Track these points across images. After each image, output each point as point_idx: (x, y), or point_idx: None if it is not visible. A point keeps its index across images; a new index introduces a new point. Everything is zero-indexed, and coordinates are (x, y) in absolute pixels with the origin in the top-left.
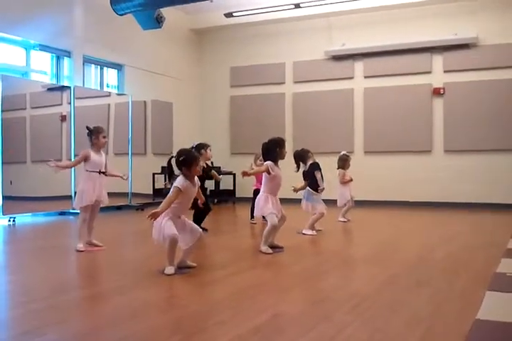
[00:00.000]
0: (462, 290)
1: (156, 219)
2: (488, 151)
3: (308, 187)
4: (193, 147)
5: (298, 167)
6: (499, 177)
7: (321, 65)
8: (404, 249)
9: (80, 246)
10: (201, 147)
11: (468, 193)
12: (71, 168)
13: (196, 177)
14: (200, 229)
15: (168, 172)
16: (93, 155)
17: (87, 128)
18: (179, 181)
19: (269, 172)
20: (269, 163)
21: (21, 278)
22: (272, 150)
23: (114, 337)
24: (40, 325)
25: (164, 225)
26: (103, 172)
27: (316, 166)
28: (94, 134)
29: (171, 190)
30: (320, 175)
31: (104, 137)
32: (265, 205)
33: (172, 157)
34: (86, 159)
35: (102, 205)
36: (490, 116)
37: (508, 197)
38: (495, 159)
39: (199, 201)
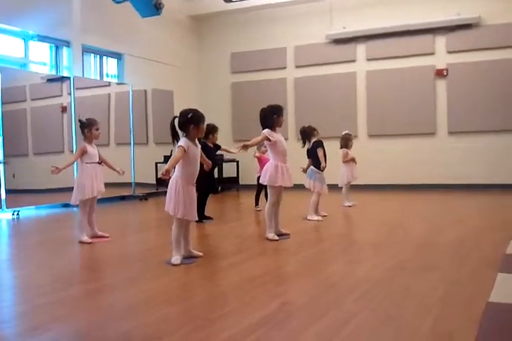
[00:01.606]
0: (472, 273)
1: (169, 175)
2: (492, 132)
3: (311, 166)
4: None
5: (304, 143)
6: (504, 157)
7: (323, 48)
8: (412, 232)
9: (85, 238)
10: (210, 130)
11: (474, 174)
12: (72, 164)
13: (197, 141)
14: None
15: (171, 133)
16: (89, 148)
17: (80, 121)
18: (182, 141)
19: (269, 140)
20: (266, 130)
21: (27, 272)
22: (269, 117)
23: (120, 330)
24: (47, 320)
25: (179, 200)
26: (100, 163)
27: (319, 144)
28: (88, 127)
29: (176, 150)
30: (322, 153)
31: (97, 129)
32: (275, 175)
33: (175, 117)
34: (83, 153)
35: (99, 197)
36: (494, 97)
37: None
38: (500, 139)
39: (205, 166)
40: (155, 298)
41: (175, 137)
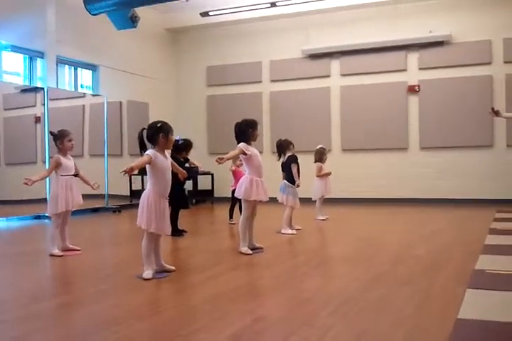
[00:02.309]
0: (443, 288)
1: (130, 173)
2: (463, 148)
3: (284, 180)
4: (177, 140)
5: (279, 156)
6: (475, 173)
7: (298, 63)
8: (384, 247)
9: (56, 251)
10: (188, 146)
11: (445, 189)
12: (46, 178)
13: (167, 153)
14: (170, 226)
15: (139, 145)
16: (63, 160)
17: (51, 133)
18: (149, 151)
19: (244, 153)
20: (241, 144)
21: None
22: (245, 131)
23: None
24: (14, 336)
25: (151, 214)
26: (75, 175)
27: (293, 159)
28: (60, 139)
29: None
30: (296, 170)
31: (70, 140)
32: (250, 189)
33: (144, 129)
34: (57, 165)
35: (74, 208)
36: (464, 113)
37: (483, 193)
38: (470, 155)
39: (179, 175)
40: (125, 314)
41: (142, 149)
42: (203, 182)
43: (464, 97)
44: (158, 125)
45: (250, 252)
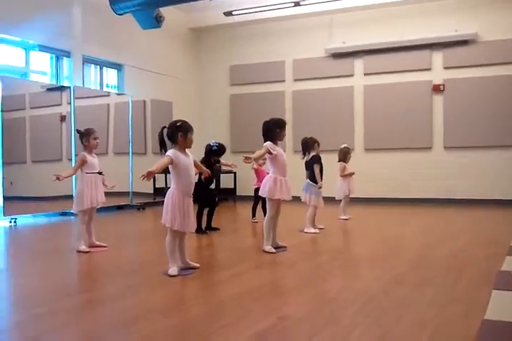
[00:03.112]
0: (467, 290)
1: (149, 177)
2: (488, 147)
3: (308, 179)
4: (211, 146)
5: (304, 154)
6: (500, 173)
7: (321, 62)
8: (408, 247)
9: (83, 247)
10: (222, 151)
11: (469, 189)
12: (73, 175)
13: (188, 152)
14: (194, 223)
15: (159, 143)
16: (89, 158)
17: (78, 131)
18: (169, 151)
19: (270, 153)
20: (268, 143)
21: (24, 281)
22: (272, 130)
23: None
24: (44, 330)
25: (176, 211)
26: (100, 173)
27: (316, 159)
28: (85, 136)
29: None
30: (319, 170)
31: (95, 138)
32: (273, 188)
33: (164, 127)
34: (83, 163)
35: (99, 206)
36: (489, 113)
37: (509, 193)
38: (495, 155)
39: (203, 176)
40: (151, 311)
41: (163, 147)
42: (226, 181)
43: (490, 97)
44: (178, 124)
45: (274, 251)
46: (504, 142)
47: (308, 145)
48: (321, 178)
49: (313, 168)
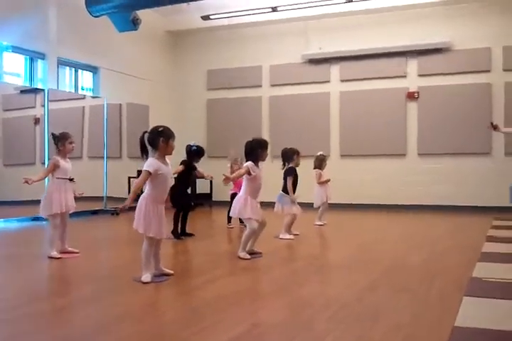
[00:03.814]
0: (440, 296)
1: (122, 211)
2: (461, 154)
3: (281, 190)
4: (191, 146)
5: (284, 165)
6: (472, 180)
7: (298, 68)
8: (381, 253)
9: (54, 253)
10: (201, 153)
11: (442, 196)
12: (44, 179)
13: (167, 159)
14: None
15: (140, 148)
16: (62, 162)
17: (53, 135)
18: (148, 164)
19: (249, 173)
20: (249, 163)
21: None
22: (255, 150)
23: None
24: (15, 334)
25: (150, 218)
26: (71, 179)
27: (290, 171)
28: (61, 141)
29: (142, 174)
30: (291, 183)
31: (71, 143)
32: (244, 208)
33: (145, 132)
34: (55, 167)
35: (70, 211)
36: (463, 120)
37: (481, 200)
38: (468, 162)
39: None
40: (123, 316)
41: (144, 152)
42: (202, 186)
43: (463, 104)
44: (160, 129)
45: (248, 257)
46: (477, 150)
47: (287, 155)
48: (294, 190)
49: (285, 181)
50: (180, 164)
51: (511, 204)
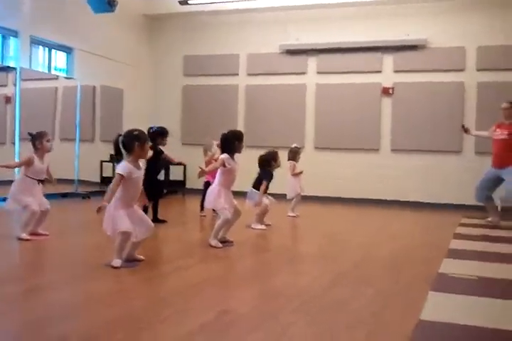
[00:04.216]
0: (405, 290)
1: (100, 212)
2: (433, 152)
3: (252, 187)
4: (151, 128)
5: (261, 170)
6: (444, 177)
7: (276, 58)
8: (350, 246)
9: (24, 235)
10: (161, 134)
11: (414, 192)
12: (13, 168)
13: (140, 163)
14: (152, 223)
15: (114, 150)
16: (36, 162)
17: (29, 134)
18: (121, 167)
19: (224, 166)
20: (224, 156)
21: None
22: (231, 142)
23: (55, 333)
24: None
25: (117, 218)
26: (41, 181)
27: (267, 176)
28: (38, 139)
29: (115, 177)
30: (265, 187)
31: (48, 141)
32: (217, 199)
33: (119, 135)
34: (29, 164)
35: (43, 209)
36: (436, 118)
37: (452, 198)
38: (440, 160)
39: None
40: (91, 301)
41: (117, 154)
42: (175, 173)
43: (436, 102)
44: (135, 133)
45: (220, 245)
46: (449, 147)
47: (265, 163)
48: (265, 191)
49: (261, 181)
50: None
51: (480, 203)
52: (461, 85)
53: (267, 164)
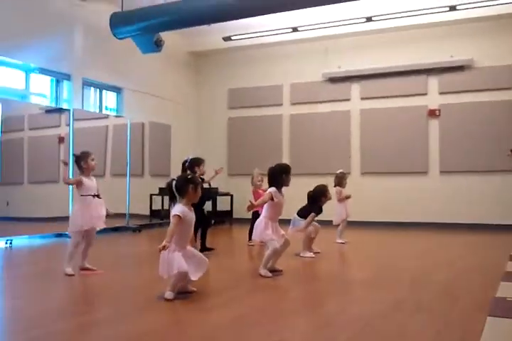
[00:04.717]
0: (462, 316)
1: (163, 250)
2: (483, 172)
3: (296, 213)
4: (186, 161)
5: (308, 204)
6: (495, 197)
7: (318, 86)
8: (402, 272)
9: (68, 269)
10: (196, 162)
11: (464, 214)
12: (66, 183)
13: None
14: (207, 259)
15: (169, 194)
16: (85, 180)
17: (74, 155)
18: (177, 209)
19: (272, 199)
20: (272, 189)
21: (17, 304)
22: (278, 176)
23: None
24: None
25: (173, 260)
26: (97, 196)
27: (316, 210)
28: (83, 159)
29: (171, 219)
30: (312, 219)
31: (93, 160)
32: (264, 231)
33: (173, 179)
34: (78, 184)
35: (98, 229)
36: (485, 137)
37: (504, 218)
38: (490, 180)
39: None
40: (147, 334)
41: (172, 198)
42: (222, 203)
43: (485, 122)
44: (189, 177)
45: (270, 275)
46: (499, 167)
47: (315, 197)
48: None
49: (308, 212)
50: None
51: None
52: (511, 103)
53: (317, 200)
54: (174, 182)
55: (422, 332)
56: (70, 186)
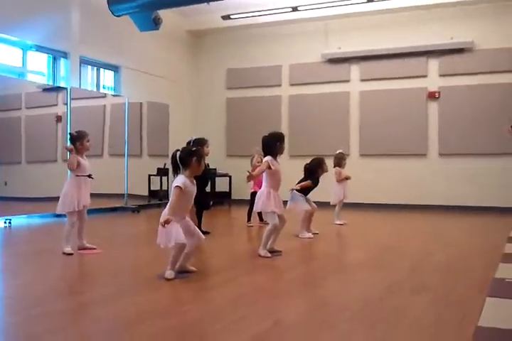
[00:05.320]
0: (462, 296)
1: (166, 225)
2: (482, 155)
3: (294, 190)
4: (190, 141)
5: (306, 178)
6: (494, 180)
7: (318, 67)
8: (402, 253)
9: (67, 249)
10: (200, 143)
11: (463, 196)
12: (72, 169)
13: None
14: (201, 234)
15: (173, 165)
16: (81, 160)
17: (70, 134)
18: (179, 180)
19: (270, 168)
20: (268, 158)
21: (18, 283)
22: (272, 144)
23: None
24: (40, 332)
25: (171, 229)
26: (89, 176)
27: (314, 179)
28: (80, 139)
29: (172, 191)
30: (307, 184)
31: (88, 141)
32: (267, 202)
33: (177, 150)
34: (78, 165)
35: (87, 208)
36: (484, 120)
37: (502, 201)
38: (489, 163)
39: None
40: (147, 313)
41: (176, 170)
42: (221, 184)
43: (485, 105)
44: (193, 149)
45: (269, 255)
46: (499, 150)
47: (311, 170)
48: (302, 189)
49: (305, 179)
50: None
51: None
52: (511, 86)
53: (314, 172)
54: (178, 153)
55: (421, 312)
56: None
